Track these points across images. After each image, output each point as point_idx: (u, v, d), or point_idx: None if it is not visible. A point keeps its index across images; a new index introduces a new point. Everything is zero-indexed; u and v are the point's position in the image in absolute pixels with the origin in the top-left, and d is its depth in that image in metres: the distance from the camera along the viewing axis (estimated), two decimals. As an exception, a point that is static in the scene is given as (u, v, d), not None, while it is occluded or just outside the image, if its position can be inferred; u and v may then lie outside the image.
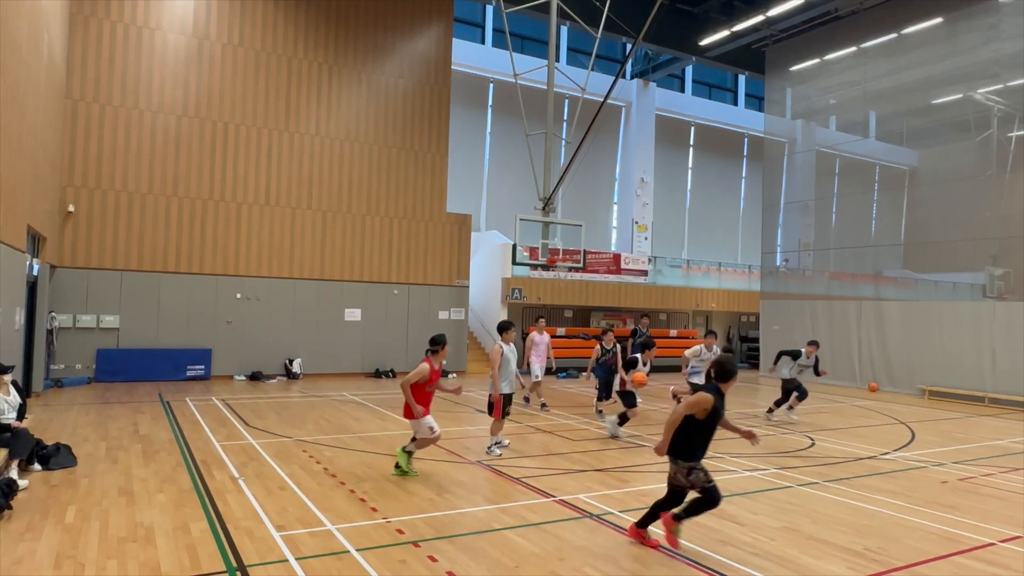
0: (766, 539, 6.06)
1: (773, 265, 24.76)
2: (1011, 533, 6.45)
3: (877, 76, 21.58)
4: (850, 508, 7.19)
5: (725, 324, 27.97)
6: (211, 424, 10.92)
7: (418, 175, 20.13)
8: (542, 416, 12.96)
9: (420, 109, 20.20)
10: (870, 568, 5.43)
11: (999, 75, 18.70)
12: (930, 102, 20.81)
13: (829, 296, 22.17)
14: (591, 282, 22.95)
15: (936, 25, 19.90)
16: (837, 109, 24.43)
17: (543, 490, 7.47)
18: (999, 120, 19.32)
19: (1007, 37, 18.20)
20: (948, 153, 21.92)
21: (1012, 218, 18.18)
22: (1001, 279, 18.94)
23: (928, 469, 9.31)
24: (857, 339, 20.50)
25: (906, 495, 7.79)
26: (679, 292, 25.23)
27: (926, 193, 22.30)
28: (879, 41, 21.33)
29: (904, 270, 22.65)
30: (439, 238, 20.43)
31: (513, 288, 21.46)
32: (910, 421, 13.89)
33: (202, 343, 17.07)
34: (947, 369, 18.25)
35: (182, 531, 5.76)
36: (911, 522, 6.74)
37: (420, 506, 6.75)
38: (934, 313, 19.09)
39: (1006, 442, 11.77)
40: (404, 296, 19.81)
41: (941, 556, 5.77)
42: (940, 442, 11.57)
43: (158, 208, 16.72)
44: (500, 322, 9.64)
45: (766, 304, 24.01)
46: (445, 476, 8.07)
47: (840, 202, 24.07)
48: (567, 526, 6.26)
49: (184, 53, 17.11)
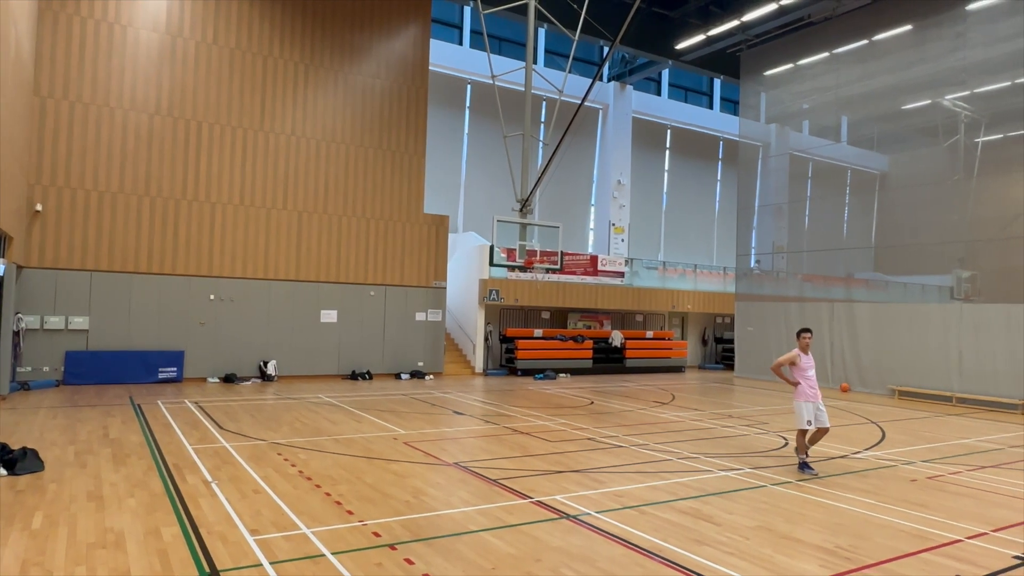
0: (741, 538, 6.12)
1: (747, 267, 25.06)
2: (978, 530, 6.59)
3: (849, 82, 21.96)
4: (823, 507, 7.29)
5: (700, 325, 28.24)
6: (183, 427, 10.75)
7: (395, 176, 20.04)
8: (520, 417, 12.97)
9: (397, 109, 20.12)
10: (842, 566, 5.51)
11: (966, 82, 19.13)
12: (900, 107, 21.21)
13: (802, 298, 22.49)
14: (568, 283, 23.03)
15: (906, 32, 20.30)
16: (810, 114, 24.80)
17: (520, 491, 7.48)
18: (966, 126, 19.74)
19: (974, 45, 18.63)
20: (917, 158, 22.35)
21: (979, 222, 18.60)
22: (968, 281, 19.36)
23: (898, 468, 9.48)
24: (829, 340, 20.81)
25: (877, 493, 7.93)
26: (655, 294, 25.43)
27: (896, 197, 22.73)
28: (851, 47, 21.71)
29: (875, 272, 23.05)
30: (416, 239, 20.36)
31: (490, 289, 21.45)
32: (880, 421, 14.13)
33: (174, 345, 16.81)
34: (916, 369, 18.61)
35: (153, 536, 5.67)
36: (882, 520, 6.85)
37: (397, 508, 6.71)
38: (903, 315, 19.47)
39: (972, 441, 12.03)
40: (381, 297, 19.70)
41: (910, 553, 5.88)
42: (909, 441, 11.80)
43: (129, 207, 16.44)
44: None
45: (740, 306, 24.28)
46: (422, 478, 8.04)
47: (813, 205, 24.44)
48: (544, 527, 6.27)
49: (157, 50, 16.86)
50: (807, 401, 8.96)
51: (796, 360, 9.09)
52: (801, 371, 9.06)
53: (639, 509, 6.94)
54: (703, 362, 28.08)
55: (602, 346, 23.70)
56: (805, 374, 9.03)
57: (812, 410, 8.94)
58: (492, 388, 18.11)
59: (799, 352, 9.10)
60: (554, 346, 22.58)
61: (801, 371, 9.06)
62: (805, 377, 9.03)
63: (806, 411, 8.94)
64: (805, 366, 9.07)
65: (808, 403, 8.95)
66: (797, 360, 9.09)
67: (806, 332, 9.27)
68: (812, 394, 8.98)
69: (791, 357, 9.14)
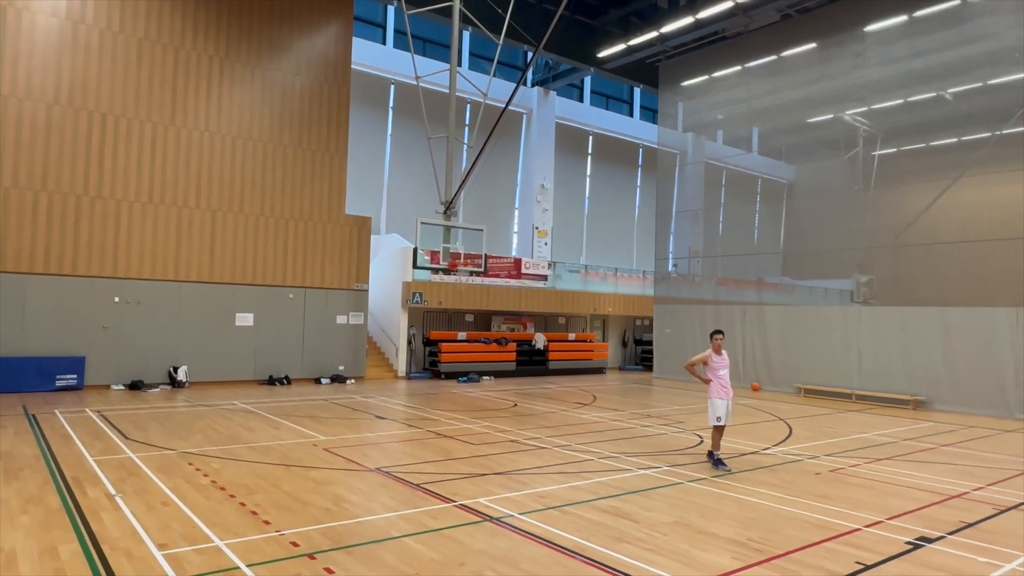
0: (659, 534, 6.29)
1: (665, 271, 25.85)
2: (875, 518, 7.02)
3: (759, 95, 23.05)
4: (736, 501, 7.59)
5: (620, 328, 28.90)
6: (84, 438, 10.12)
7: (316, 175, 19.56)
8: (443, 421, 12.90)
9: (318, 108, 19.65)
10: (753, 557, 5.75)
11: (865, 98, 20.43)
12: (805, 121, 22.42)
13: (717, 301, 23.39)
14: (492, 286, 23.09)
15: (811, 50, 21.47)
16: (724, 124, 25.88)
17: (443, 495, 7.43)
18: (865, 140, 21.08)
19: (871, 64, 19.91)
20: (821, 169, 23.66)
21: (876, 230, 19.89)
22: (865, 286, 20.68)
23: (804, 462, 9.99)
24: (742, 341, 21.72)
25: (785, 487, 8.32)
26: (577, 296, 25.84)
27: (802, 205, 23.99)
28: (761, 62, 22.79)
29: (783, 277, 24.24)
30: (338, 240, 19.92)
31: (414, 292, 21.25)
32: (788, 418, 14.86)
33: (74, 350, 15.81)
34: (820, 368, 19.68)
35: (49, 555, 5.30)
36: (789, 512, 7.20)
37: (316, 517, 6.54)
38: (809, 317, 20.57)
39: (871, 435, 12.82)
40: (300, 300, 19.17)
41: (815, 543, 6.20)
42: (814, 437, 12.45)
43: (24, 203, 15.36)
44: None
45: (659, 308, 25.01)
46: (343, 484, 7.86)
47: (727, 212, 25.47)
48: (467, 530, 6.25)
49: (56, 36, 15.83)
50: (718, 399, 9.38)
51: (708, 360, 9.51)
52: (713, 370, 9.47)
53: (561, 509, 7.02)
54: (623, 363, 28.75)
55: (525, 349, 23.89)
56: (717, 373, 9.45)
57: (723, 407, 9.35)
58: (415, 392, 17.94)
59: (711, 352, 9.51)
60: (478, 349, 22.59)
61: (713, 370, 9.47)
62: (717, 376, 9.44)
63: (716, 408, 9.37)
64: (717, 366, 9.48)
65: (719, 400, 9.37)
66: (709, 360, 9.50)
67: (718, 334, 9.68)
68: (723, 392, 9.40)
69: (703, 357, 9.59)
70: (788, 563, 5.65)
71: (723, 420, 9.37)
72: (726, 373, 9.54)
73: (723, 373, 9.49)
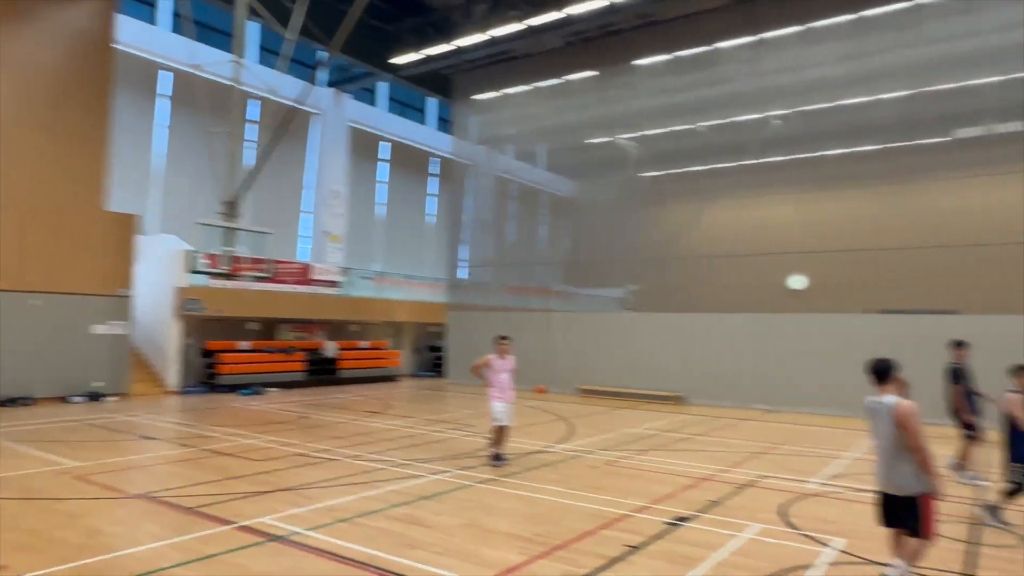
0: (449, 537, 6.41)
1: (458, 278, 26.41)
2: (641, 504, 7.78)
3: (547, 114, 24.56)
4: (521, 499, 7.98)
5: (414, 334, 28.96)
6: None
7: (69, 165, 17.11)
8: (221, 438, 11.96)
9: (73, 89, 17.22)
10: (537, 551, 6.08)
11: (637, 124, 22.69)
12: (585, 141, 24.28)
13: (507, 307, 24.38)
14: (279, 293, 21.89)
15: (591, 77, 23.34)
16: (515, 139, 27.15)
17: (221, 517, 6.89)
18: (636, 162, 23.39)
19: (642, 95, 22.16)
20: (599, 186, 25.76)
21: (645, 244, 22.15)
22: (635, 294, 23.00)
23: (582, 457, 10.78)
24: (530, 346, 22.85)
25: (566, 482, 8.91)
26: (371, 303, 25.43)
27: (583, 219, 25.93)
28: (549, 83, 24.30)
29: (567, 285, 25.98)
30: (96, 240, 17.57)
31: (189, 299, 19.44)
32: (569, 417, 15.92)
33: None
34: (598, 370, 21.38)
35: None
36: (570, 505, 7.73)
37: (65, 555, 5.72)
38: (588, 322, 22.29)
39: (639, 429, 14.17)
40: (46, 307, 16.62)
41: (591, 532, 6.72)
42: (591, 433, 13.48)
43: None
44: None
45: (452, 315, 25.49)
46: (100, 515, 6.97)
47: (517, 223, 26.74)
48: (248, 553, 5.87)
49: None
50: (496, 401, 9.95)
51: (490, 363, 9.98)
52: (495, 373, 9.96)
53: (352, 521, 6.87)
54: (416, 370, 28.81)
55: (315, 357, 22.99)
56: (498, 376, 9.97)
57: (500, 409, 9.88)
58: (189, 407, 16.42)
59: (495, 356, 9.98)
60: (262, 359, 21.28)
61: (495, 373, 9.96)
62: (498, 379, 9.95)
63: (494, 410, 9.94)
64: (499, 369, 9.98)
65: (497, 403, 9.94)
66: (491, 363, 9.97)
67: (503, 339, 10.19)
68: (500, 395, 9.98)
69: (486, 361, 10.11)
70: (568, 552, 6.06)
71: (503, 421, 9.87)
72: (507, 376, 10.06)
73: (504, 376, 10.02)
